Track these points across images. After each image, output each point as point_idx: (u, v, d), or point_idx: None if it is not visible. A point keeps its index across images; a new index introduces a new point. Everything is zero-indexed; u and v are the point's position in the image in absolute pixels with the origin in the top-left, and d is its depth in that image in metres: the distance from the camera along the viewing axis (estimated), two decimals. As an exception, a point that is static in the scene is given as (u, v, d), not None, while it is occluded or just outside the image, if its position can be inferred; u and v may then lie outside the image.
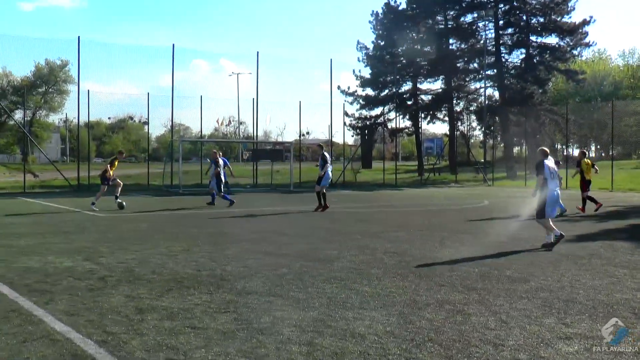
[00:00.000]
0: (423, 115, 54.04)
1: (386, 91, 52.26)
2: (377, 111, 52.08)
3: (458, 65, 52.22)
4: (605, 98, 60.70)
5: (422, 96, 54.76)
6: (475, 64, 52.25)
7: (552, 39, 50.66)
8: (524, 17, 50.36)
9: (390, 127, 51.99)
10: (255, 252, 10.48)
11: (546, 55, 50.02)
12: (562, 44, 50.21)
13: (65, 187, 29.94)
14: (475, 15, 50.64)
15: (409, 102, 53.60)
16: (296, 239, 12.29)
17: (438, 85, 55.14)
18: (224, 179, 28.14)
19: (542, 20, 49.90)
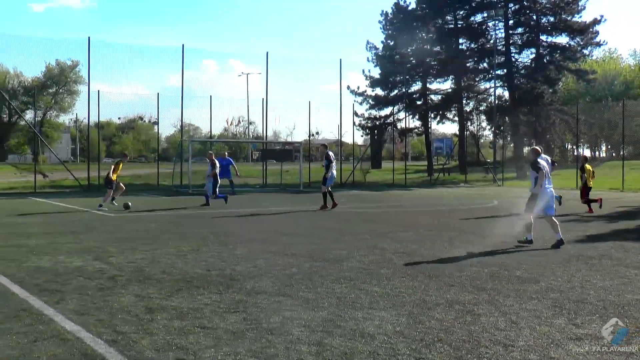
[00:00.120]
0: (433, 115, 53.94)
1: (396, 91, 52.18)
2: (386, 111, 52.04)
3: (468, 65, 52.06)
4: (616, 98, 60.43)
5: (432, 96, 54.69)
6: (485, 64, 52.08)
7: (563, 39, 50.49)
8: (534, 17, 50.17)
9: (399, 127, 51.91)
10: (265, 252, 10.49)
11: (556, 55, 49.80)
12: (572, 43, 49.99)
13: (76, 187, 30.05)
14: (485, 14, 50.42)
15: (418, 102, 53.49)
16: (305, 239, 12.29)
17: (448, 85, 55.07)
18: (229, 179, 28.33)
19: (552, 19, 49.71)
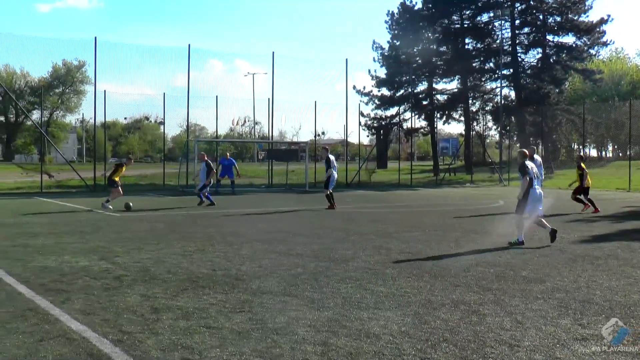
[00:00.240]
0: (439, 115, 53.93)
1: (402, 91, 52.13)
2: (392, 111, 51.97)
3: (474, 65, 52.01)
4: (622, 97, 60.16)
5: (438, 96, 54.65)
6: (491, 64, 52.00)
7: (569, 38, 50.39)
8: (541, 17, 50.06)
9: (405, 127, 51.88)
10: (270, 252, 10.49)
11: (563, 55, 49.69)
12: (579, 43, 49.86)
13: (82, 187, 30.09)
14: (492, 14, 50.35)
15: (424, 102, 53.45)
16: (311, 239, 12.28)
17: (454, 85, 54.98)
18: (231, 179, 28.41)
19: (558, 19, 49.59)
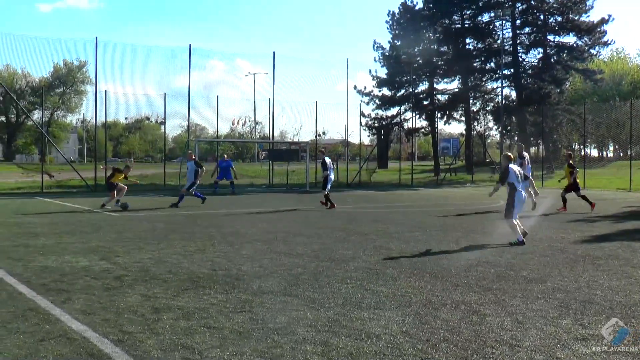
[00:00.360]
0: (439, 115, 53.88)
1: (402, 91, 52.16)
2: (393, 111, 52.04)
3: (475, 64, 52.01)
4: (623, 97, 60.13)
5: (439, 96, 54.69)
6: (492, 64, 52.01)
7: (570, 38, 50.39)
8: (542, 17, 50.05)
9: (406, 127, 51.90)
10: (271, 252, 10.49)
11: (564, 55, 49.69)
12: (580, 43, 49.85)
13: (82, 187, 30.10)
14: (492, 14, 50.35)
15: (425, 102, 53.48)
16: (311, 239, 12.28)
17: (454, 85, 55.02)
18: (229, 180, 28.40)
19: (559, 19, 49.58)
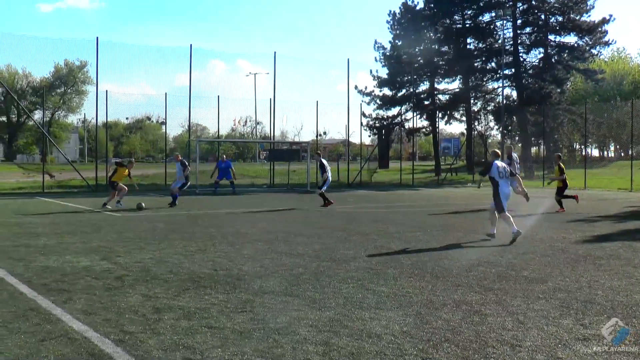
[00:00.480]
0: (440, 115, 53.87)
1: (403, 91, 52.16)
2: (394, 111, 52.03)
3: (476, 64, 51.96)
4: (624, 97, 60.12)
5: (440, 96, 54.67)
6: (493, 64, 51.97)
7: (571, 38, 50.34)
8: (542, 16, 50.02)
9: (407, 127, 51.89)
10: (272, 252, 10.49)
11: (564, 55, 49.63)
12: (580, 43, 49.82)
13: (83, 187, 30.11)
14: (493, 14, 50.32)
15: (426, 102, 53.46)
16: (312, 239, 12.28)
17: (455, 85, 55.00)
18: (229, 180, 28.43)
19: (560, 19, 49.56)
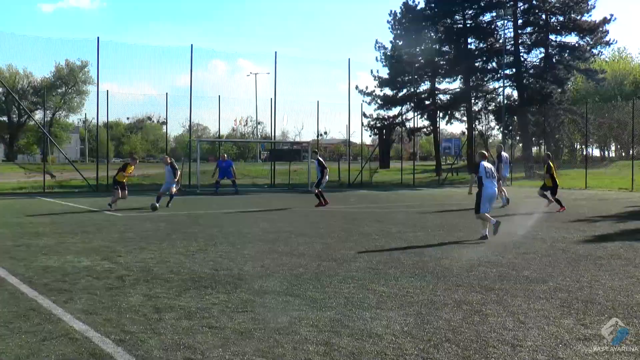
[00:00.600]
0: (441, 115, 53.79)
1: (404, 91, 52.12)
2: (395, 111, 51.98)
3: (476, 64, 51.89)
4: (625, 97, 60.04)
5: (440, 96, 54.58)
6: (494, 64, 51.88)
7: (572, 38, 50.30)
8: (543, 16, 49.98)
9: (408, 127, 51.85)
10: (272, 251, 10.49)
11: (565, 55, 49.59)
12: (581, 42, 49.77)
13: (84, 187, 30.11)
14: (494, 14, 50.27)
15: (427, 102, 53.40)
16: (313, 238, 12.28)
17: (456, 84, 54.92)
18: (231, 179, 28.43)
19: (561, 19, 49.53)
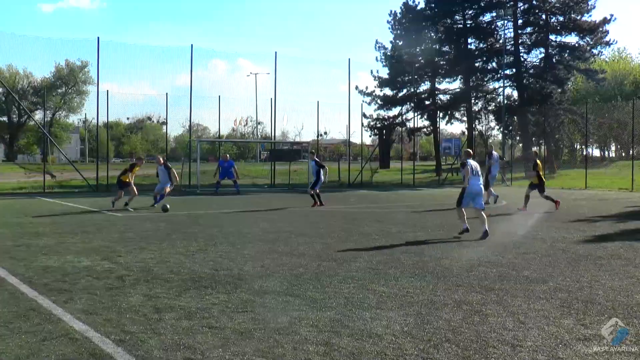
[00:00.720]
0: (441, 115, 53.78)
1: (404, 91, 52.10)
2: (395, 111, 51.96)
3: (476, 64, 51.89)
4: (626, 98, 60.02)
5: (440, 96, 54.55)
6: (494, 64, 51.88)
7: (572, 38, 50.30)
8: (543, 16, 49.98)
9: (408, 127, 51.83)
10: (272, 251, 10.49)
11: (565, 55, 49.59)
12: (582, 43, 49.77)
13: (84, 187, 30.10)
14: (494, 14, 50.27)
15: (427, 102, 53.38)
16: (313, 238, 12.28)
17: (456, 85, 54.89)
18: (232, 179, 28.43)
19: (561, 19, 49.54)
